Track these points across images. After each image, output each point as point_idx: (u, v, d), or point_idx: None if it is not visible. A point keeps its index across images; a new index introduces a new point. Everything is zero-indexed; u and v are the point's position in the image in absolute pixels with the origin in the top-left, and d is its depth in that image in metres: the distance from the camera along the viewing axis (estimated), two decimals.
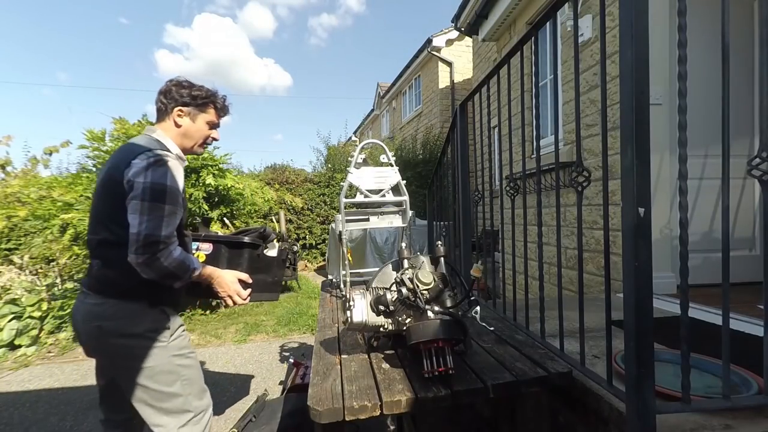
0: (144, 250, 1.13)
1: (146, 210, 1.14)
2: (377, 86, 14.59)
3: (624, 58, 0.88)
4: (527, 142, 3.46)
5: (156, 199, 1.15)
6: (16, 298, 3.92)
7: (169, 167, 1.20)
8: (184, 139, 1.37)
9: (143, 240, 1.12)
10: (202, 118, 1.38)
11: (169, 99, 1.33)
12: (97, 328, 1.20)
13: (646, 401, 0.85)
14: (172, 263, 1.17)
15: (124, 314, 1.21)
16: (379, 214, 2.09)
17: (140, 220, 1.14)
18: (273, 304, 5.26)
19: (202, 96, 1.36)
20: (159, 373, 1.23)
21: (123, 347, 1.21)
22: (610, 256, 1.10)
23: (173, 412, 1.26)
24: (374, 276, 1.35)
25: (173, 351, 1.26)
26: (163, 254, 1.15)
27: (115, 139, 3.85)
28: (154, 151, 1.20)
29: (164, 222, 1.16)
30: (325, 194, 7.93)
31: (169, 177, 1.19)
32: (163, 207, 1.16)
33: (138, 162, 1.17)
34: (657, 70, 2.23)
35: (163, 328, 1.26)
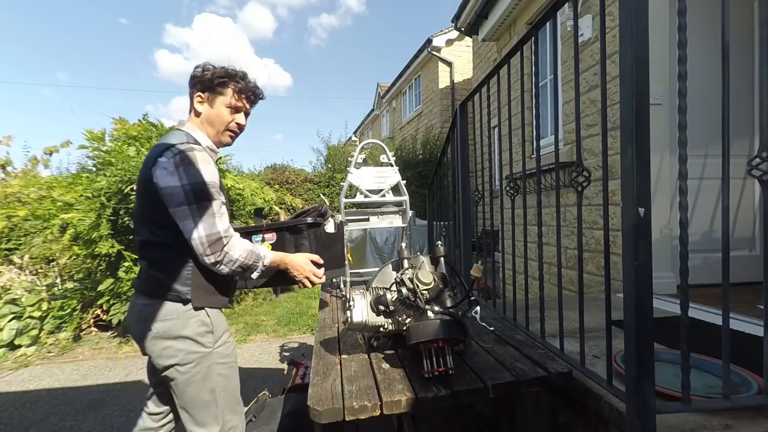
0: (212, 250, 1.12)
1: (196, 212, 1.12)
2: (377, 86, 14.58)
3: (624, 58, 0.88)
4: (527, 142, 3.46)
5: (200, 198, 1.12)
6: (16, 298, 3.92)
7: (198, 161, 1.13)
8: (209, 127, 1.28)
9: (207, 241, 1.12)
10: (219, 101, 1.26)
11: (191, 86, 1.26)
12: (146, 329, 1.18)
13: (646, 401, 0.85)
14: (242, 253, 1.17)
15: (171, 316, 1.18)
16: (379, 214, 2.10)
17: (194, 224, 1.12)
18: (273, 303, 5.26)
19: (219, 75, 1.24)
20: (198, 380, 1.20)
21: (168, 348, 1.18)
22: (610, 256, 1.10)
23: (204, 423, 1.22)
24: (374, 276, 1.35)
25: (216, 358, 1.23)
26: (230, 247, 1.15)
27: (115, 139, 3.85)
28: (178, 146, 1.14)
29: (217, 218, 1.14)
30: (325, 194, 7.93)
31: (203, 172, 1.13)
32: (210, 204, 1.13)
33: (164, 161, 1.12)
34: (657, 70, 2.23)
35: (208, 333, 1.22)
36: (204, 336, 1.21)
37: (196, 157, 1.13)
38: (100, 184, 3.51)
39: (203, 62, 1.28)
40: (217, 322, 1.25)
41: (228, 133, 1.31)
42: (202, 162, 1.14)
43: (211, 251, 1.12)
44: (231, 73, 1.27)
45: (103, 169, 3.70)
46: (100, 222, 3.47)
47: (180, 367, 1.18)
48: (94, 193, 3.54)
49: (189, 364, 1.18)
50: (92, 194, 3.55)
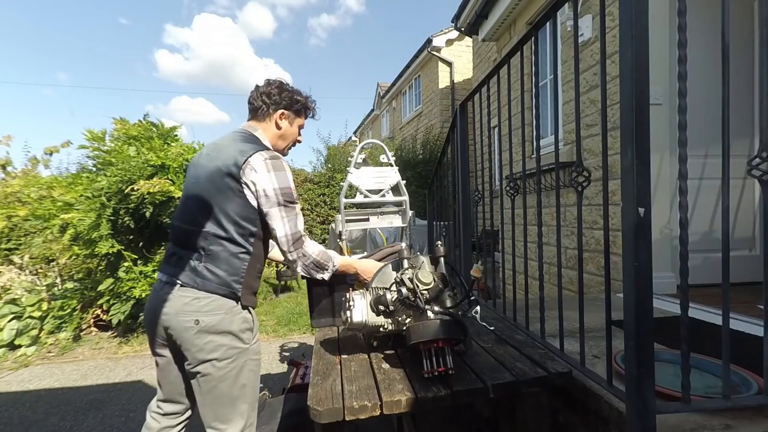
0: (295, 247, 1.26)
1: (285, 214, 1.25)
2: (377, 86, 14.57)
3: (624, 58, 0.88)
4: (527, 142, 3.46)
5: (288, 200, 1.26)
6: (16, 298, 3.92)
7: (285, 167, 1.28)
8: (280, 140, 1.44)
9: (292, 238, 1.25)
10: (297, 122, 1.46)
11: (273, 101, 1.38)
12: (192, 321, 1.18)
13: (646, 401, 0.85)
14: (315, 251, 1.30)
15: (221, 311, 1.21)
16: (379, 214, 2.09)
17: (283, 223, 1.25)
18: (273, 303, 5.26)
19: (302, 102, 1.45)
20: (232, 376, 1.22)
21: (210, 343, 1.19)
22: (610, 256, 1.10)
23: (229, 419, 1.23)
24: (374, 276, 1.34)
25: (251, 354, 1.29)
26: (307, 246, 1.29)
27: (116, 139, 3.85)
28: (268, 152, 1.27)
29: (298, 219, 1.29)
30: (325, 194, 7.92)
31: (289, 178, 1.28)
32: (294, 206, 1.28)
33: (259, 162, 1.22)
34: (657, 70, 2.23)
35: (249, 330, 1.28)
36: (245, 332, 1.26)
37: (284, 164, 1.28)
38: (100, 184, 3.51)
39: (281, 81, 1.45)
40: (256, 320, 1.35)
41: (292, 146, 1.52)
42: (287, 168, 1.29)
43: (295, 247, 1.27)
44: (309, 99, 1.49)
45: (104, 169, 3.70)
46: (100, 222, 3.47)
47: (218, 362, 1.20)
48: (95, 193, 3.54)
49: (227, 359, 1.22)
50: (92, 194, 3.54)
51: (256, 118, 1.41)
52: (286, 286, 5.98)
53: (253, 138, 1.35)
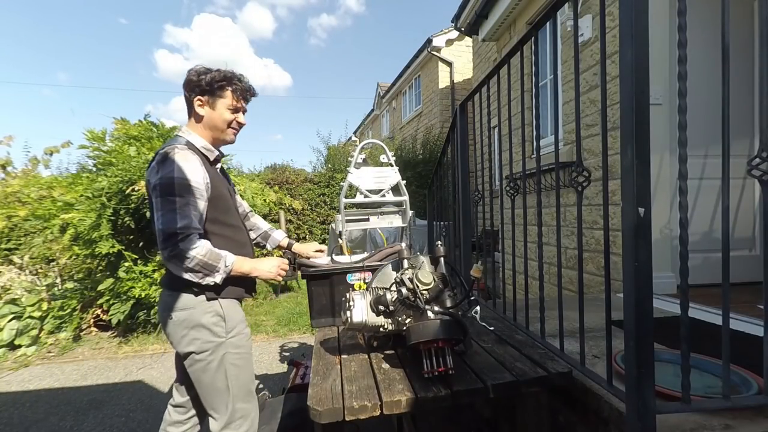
0: (164, 245, 1.16)
1: (159, 205, 1.17)
2: (377, 86, 14.58)
3: (624, 58, 0.88)
4: (527, 142, 3.46)
5: (166, 193, 1.17)
6: (16, 298, 3.92)
7: (175, 159, 1.19)
8: (209, 130, 1.33)
9: (162, 235, 1.16)
10: (221, 103, 1.31)
11: (189, 90, 1.30)
12: (168, 317, 1.27)
13: (646, 401, 0.85)
14: (201, 251, 1.18)
15: (188, 306, 1.25)
16: (379, 214, 2.09)
17: (157, 216, 1.18)
18: (273, 303, 5.26)
19: (217, 79, 1.29)
20: (213, 368, 1.28)
21: (186, 336, 1.26)
22: (610, 256, 1.10)
23: (216, 409, 1.30)
24: (374, 276, 1.34)
25: (229, 348, 1.30)
26: (183, 244, 1.16)
27: (116, 139, 3.85)
28: (164, 148, 1.22)
29: (178, 214, 1.16)
30: (325, 194, 7.92)
31: (176, 169, 1.18)
32: (174, 199, 1.17)
33: (153, 163, 1.23)
34: (657, 70, 2.23)
35: (221, 322, 1.29)
36: (217, 326, 1.28)
37: (174, 157, 1.19)
38: (100, 184, 3.51)
39: (197, 66, 1.32)
40: (230, 313, 1.32)
41: (231, 131, 1.37)
42: (179, 160, 1.19)
43: (164, 245, 1.16)
44: (229, 76, 1.31)
45: (104, 169, 3.70)
46: (100, 222, 3.47)
47: (196, 354, 1.27)
48: (95, 193, 3.54)
49: (204, 352, 1.27)
50: (92, 194, 3.54)
51: (188, 114, 1.34)
52: (286, 286, 5.98)
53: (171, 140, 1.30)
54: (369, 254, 1.74)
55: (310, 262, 1.69)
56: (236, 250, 1.32)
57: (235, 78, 1.33)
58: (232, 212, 1.39)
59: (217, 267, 1.22)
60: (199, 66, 1.32)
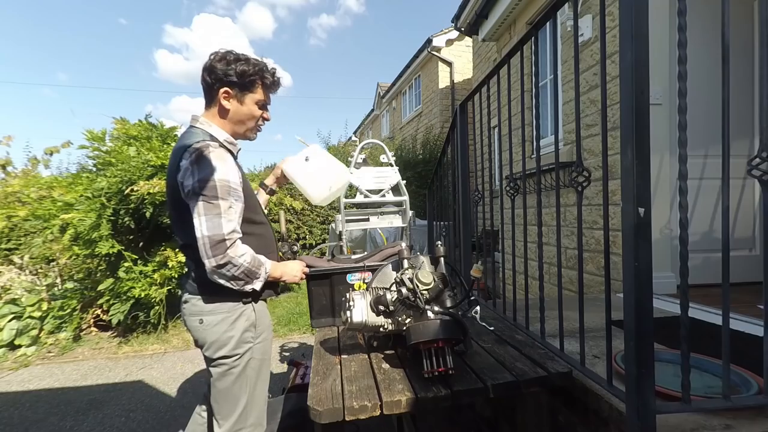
0: (213, 252, 1.08)
1: (202, 210, 1.09)
2: (377, 86, 14.57)
3: (624, 58, 0.88)
4: (527, 142, 3.46)
5: (209, 196, 1.09)
6: (16, 298, 3.92)
7: (211, 159, 1.10)
8: (235, 125, 1.25)
9: (209, 242, 1.08)
10: (250, 98, 1.22)
11: (214, 78, 1.18)
12: (200, 321, 1.21)
13: (646, 401, 0.85)
14: (247, 258, 1.14)
15: (221, 310, 1.20)
16: (379, 214, 2.09)
17: (200, 222, 1.09)
18: (273, 303, 5.26)
19: (249, 73, 1.18)
20: (235, 374, 1.23)
21: (216, 342, 1.21)
22: (610, 256, 1.10)
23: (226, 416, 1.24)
24: (374, 276, 1.35)
25: (255, 353, 1.26)
26: (232, 251, 1.10)
27: (116, 138, 3.85)
28: (194, 146, 1.11)
29: (223, 219, 1.09)
30: None
31: (216, 170, 1.10)
32: (218, 203, 1.09)
33: (184, 163, 1.11)
34: (657, 70, 2.23)
35: (252, 327, 1.25)
36: (248, 331, 1.24)
37: (210, 157, 1.10)
38: (100, 185, 3.51)
39: (224, 51, 1.21)
40: (261, 317, 1.29)
41: (255, 130, 1.31)
42: (217, 159, 1.11)
43: (212, 253, 1.09)
44: (261, 68, 1.22)
45: (104, 169, 3.70)
46: (100, 222, 3.47)
47: (222, 360, 1.22)
48: (95, 193, 3.53)
49: (232, 357, 1.22)
50: (92, 194, 3.54)
51: (206, 102, 1.24)
52: (286, 286, 5.98)
53: (194, 133, 1.19)
54: (369, 253, 1.74)
55: (310, 261, 1.69)
56: (266, 247, 1.30)
57: (267, 71, 1.24)
58: (259, 209, 1.34)
59: (258, 274, 1.18)
60: (227, 51, 1.20)
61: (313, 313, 1.65)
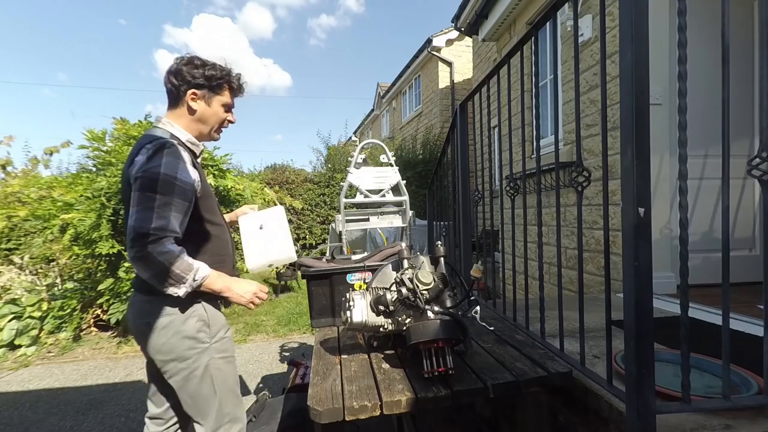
0: (132, 243, 1.05)
1: (136, 201, 1.08)
2: (377, 86, 14.58)
3: (624, 58, 0.88)
4: (527, 142, 3.46)
5: (146, 188, 1.07)
6: (16, 298, 3.92)
7: (164, 154, 1.10)
8: (200, 124, 1.27)
9: (132, 233, 1.05)
10: (217, 100, 1.26)
11: (181, 80, 1.21)
12: (145, 324, 1.18)
13: (646, 401, 0.85)
14: (167, 259, 1.06)
15: (169, 312, 1.18)
16: (379, 214, 2.09)
17: (131, 212, 1.08)
18: (273, 303, 5.26)
19: (217, 77, 1.24)
20: (198, 375, 1.21)
21: (166, 344, 1.18)
22: (610, 256, 1.10)
23: (204, 415, 1.24)
24: (374, 276, 1.35)
25: (213, 353, 1.24)
26: (153, 247, 1.05)
27: (116, 139, 3.85)
28: (155, 141, 1.13)
29: (155, 213, 1.06)
30: (325, 194, 7.92)
31: (164, 164, 1.09)
32: (153, 197, 1.07)
33: (139, 158, 1.12)
34: (657, 70, 2.23)
35: (205, 327, 1.22)
36: (201, 331, 1.21)
37: (165, 150, 1.11)
38: (100, 185, 3.51)
39: (190, 56, 1.25)
40: (213, 317, 1.25)
41: (218, 131, 1.33)
42: (168, 155, 1.11)
43: (132, 244, 1.05)
44: (227, 73, 1.27)
45: (104, 169, 3.70)
46: (100, 222, 3.47)
47: (179, 363, 1.19)
48: (95, 194, 3.53)
49: (188, 359, 1.19)
50: (92, 194, 3.54)
51: (170, 105, 1.26)
52: (286, 286, 5.98)
53: (155, 132, 1.20)
54: (369, 253, 1.74)
55: (310, 262, 1.68)
56: (219, 249, 1.28)
57: (233, 76, 1.30)
58: (216, 210, 1.33)
59: (184, 278, 1.10)
60: (193, 56, 1.25)
61: (313, 313, 1.65)
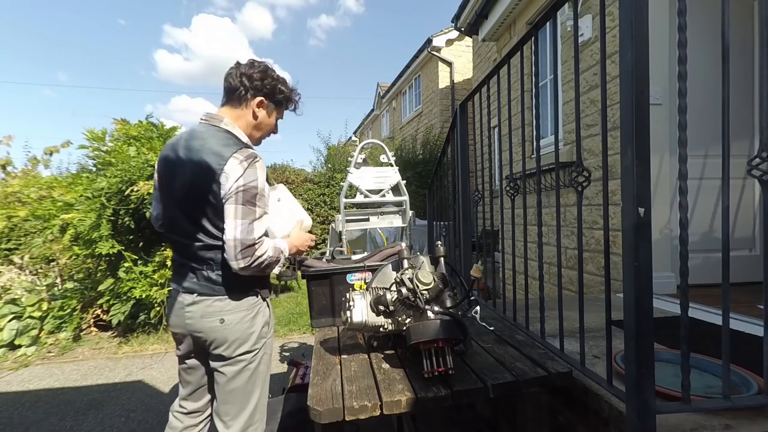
0: (242, 254, 1.11)
1: (240, 214, 1.12)
2: (377, 86, 14.58)
3: (624, 58, 0.88)
4: (527, 142, 3.46)
5: (248, 203, 1.13)
6: (16, 298, 3.92)
7: (257, 167, 1.16)
8: (254, 130, 1.32)
9: (241, 245, 1.11)
10: (276, 113, 1.34)
11: (253, 86, 1.25)
12: (221, 321, 1.20)
13: (646, 401, 0.85)
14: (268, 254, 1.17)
15: (243, 307, 1.22)
16: (379, 214, 2.09)
17: (235, 225, 1.12)
18: (273, 303, 5.26)
19: (286, 94, 1.33)
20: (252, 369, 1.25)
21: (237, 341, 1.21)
22: (610, 256, 1.10)
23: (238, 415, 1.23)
24: (374, 276, 1.35)
25: (267, 349, 1.30)
26: (258, 252, 1.14)
27: (116, 139, 3.85)
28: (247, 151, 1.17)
29: (256, 224, 1.14)
30: (325, 194, 7.92)
31: (260, 179, 1.16)
32: (254, 210, 1.14)
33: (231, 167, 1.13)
34: (657, 70, 2.23)
35: (267, 323, 1.30)
36: (264, 326, 1.29)
37: (257, 162, 1.17)
38: (100, 185, 3.51)
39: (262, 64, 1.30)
40: (271, 315, 1.35)
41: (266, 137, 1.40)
42: (260, 168, 1.18)
43: (242, 256, 1.12)
44: (292, 90, 1.36)
45: (104, 169, 3.70)
46: (100, 222, 3.47)
47: (240, 358, 1.22)
48: (95, 194, 3.54)
49: (250, 353, 1.24)
50: (92, 194, 3.54)
51: (230, 101, 1.27)
52: (286, 286, 5.98)
53: (227, 135, 1.22)
54: (369, 254, 1.74)
55: (310, 262, 1.68)
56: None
57: (296, 94, 1.38)
58: None
59: (279, 259, 1.23)
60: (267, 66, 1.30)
61: (313, 313, 1.65)
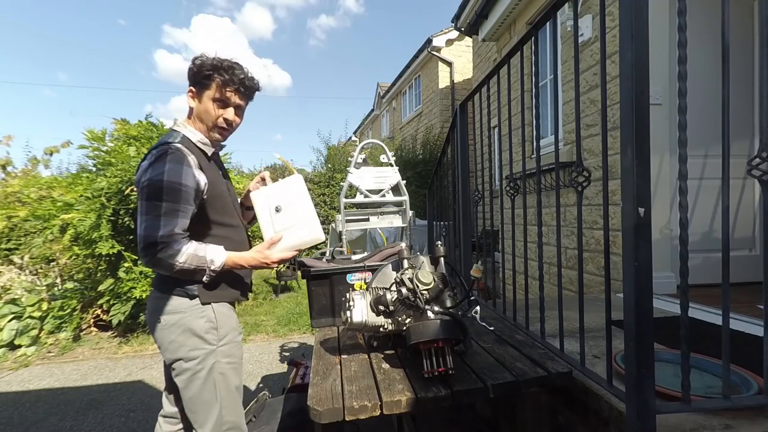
0: (144, 252, 1.10)
1: (144, 210, 1.10)
2: (377, 86, 14.58)
3: (624, 58, 0.88)
4: (527, 142, 3.46)
5: (152, 197, 1.09)
6: (16, 298, 3.92)
7: (167, 160, 1.10)
8: (198, 123, 1.24)
9: (142, 242, 1.09)
10: (206, 95, 1.21)
11: (188, 79, 1.22)
12: (156, 321, 1.20)
13: (646, 401, 0.85)
14: (181, 259, 1.10)
15: (179, 310, 1.19)
16: (379, 214, 2.09)
17: (139, 221, 1.11)
18: (273, 303, 5.26)
19: (205, 68, 1.18)
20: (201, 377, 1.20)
21: (173, 342, 1.19)
22: (610, 256, 1.10)
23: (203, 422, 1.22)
24: (374, 276, 1.34)
25: (219, 357, 1.22)
26: (162, 253, 1.08)
27: (116, 139, 3.85)
28: (160, 146, 1.14)
29: (162, 221, 1.08)
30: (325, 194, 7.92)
31: (167, 171, 1.09)
32: (159, 205, 1.09)
33: (144, 164, 1.14)
34: (657, 70, 2.23)
35: (212, 330, 1.21)
36: (208, 333, 1.21)
37: (168, 156, 1.11)
38: (100, 185, 3.51)
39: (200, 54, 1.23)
40: (222, 320, 1.24)
41: (216, 130, 1.25)
42: (172, 161, 1.11)
43: (144, 253, 1.09)
44: (216, 64, 1.19)
45: (104, 169, 3.70)
46: (100, 222, 3.47)
47: (184, 362, 1.20)
48: (95, 194, 3.54)
49: (193, 360, 1.19)
50: (92, 194, 3.54)
51: None
52: (286, 286, 5.98)
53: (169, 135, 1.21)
54: (369, 254, 1.74)
55: (310, 262, 1.68)
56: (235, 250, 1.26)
57: (224, 67, 1.19)
58: (230, 211, 1.31)
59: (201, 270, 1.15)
60: (203, 54, 1.22)
61: (313, 313, 1.64)
